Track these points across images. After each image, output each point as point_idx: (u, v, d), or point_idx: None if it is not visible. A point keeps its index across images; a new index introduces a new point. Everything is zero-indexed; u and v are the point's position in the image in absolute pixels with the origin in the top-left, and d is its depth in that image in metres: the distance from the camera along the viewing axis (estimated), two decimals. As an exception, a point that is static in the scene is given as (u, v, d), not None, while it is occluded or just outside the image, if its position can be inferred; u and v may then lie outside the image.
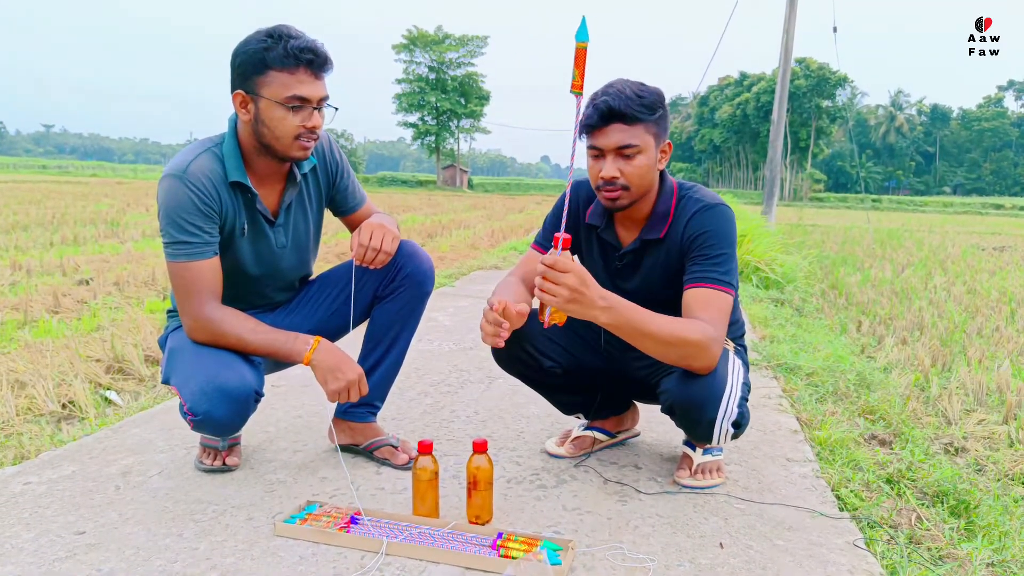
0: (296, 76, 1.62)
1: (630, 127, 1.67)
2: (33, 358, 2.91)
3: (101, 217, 10.67)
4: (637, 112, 1.65)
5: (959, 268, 8.04)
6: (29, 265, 5.56)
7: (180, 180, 1.64)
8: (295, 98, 1.62)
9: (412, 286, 1.95)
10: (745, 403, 1.78)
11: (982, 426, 2.60)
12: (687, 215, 1.77)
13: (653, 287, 1.86)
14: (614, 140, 1.68)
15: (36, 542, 1.49)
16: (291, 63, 1.60)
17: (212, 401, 1.62)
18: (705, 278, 1.70)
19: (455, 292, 5.10)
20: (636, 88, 1.68)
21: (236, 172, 1.70)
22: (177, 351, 1.75)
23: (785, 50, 12.03)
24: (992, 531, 1.70)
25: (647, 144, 1.69)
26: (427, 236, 10.01)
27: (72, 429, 2.24)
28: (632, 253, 1.86)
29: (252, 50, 1.61)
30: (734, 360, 1.79)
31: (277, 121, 1.64)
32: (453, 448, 2.11)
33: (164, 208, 1.65)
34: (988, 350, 3.87)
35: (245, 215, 1.76)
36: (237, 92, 1.65)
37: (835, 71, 56.83)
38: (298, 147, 1.69)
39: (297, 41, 1.60)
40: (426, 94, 52.55)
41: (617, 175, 1.70)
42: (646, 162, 1.70)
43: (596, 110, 1.68)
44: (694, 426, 1.78)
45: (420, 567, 1.43)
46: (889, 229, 16.36)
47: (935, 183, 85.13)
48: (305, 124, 1.66)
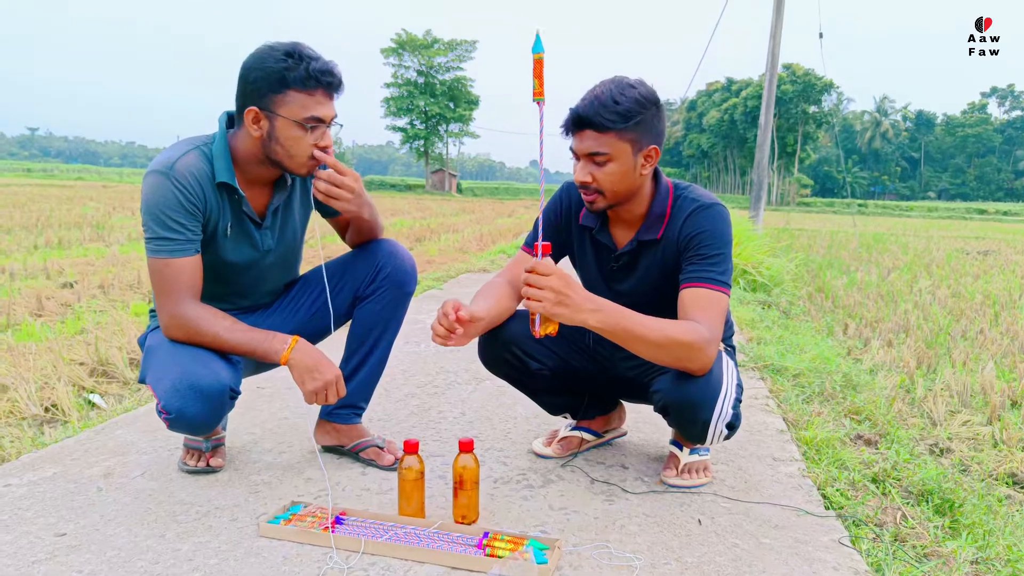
0: (315, 97, 1.63)
1: (600, 135, 1.64)
2: (15, 361, 2.88)
3: (86, 220, 10.59)
4: (606, 121, 1.62)
5: (944, 272, 8.11)
6: (12, 268, 5.50)
7: (166, 176, 1.63)
8: (313, 119, 1.63)
9: (393, 287, 1.94)
10: (739, 404, 1.78)
11: (967, 427, 2.62)
12: (683, 215, 1.76)
13: (649, 288, 1.85)
14: (584, 146, 1.67)
15: (15, 544, 1.46)
16: (311, 84, 1.61)
17: (185, 399, 1.60)
18: (701, 278, 1.69)
19: (443, 295, 5.09)
20: (616, 93, 1.64)
21: (224, 173, 1.69)
22: (154, 349, 1.73)
23: (772, 56, 12.11)
24: (976, 529, 1.71)
25: (619, 151, 1.66)
26: (416, 240, 10.00)
27: (55, 432, 2.21)
28: (628, 254, 1.84)
29: (270, 69, 1.60)
30: (727, 361, 1.79)
31: (293, 140, 1.65)
32: (440, 449, 2.10)
33: (148, 204, 1.64)
34: (972, 352, 3.90)
35: (231, 215, 1.75)
36: (251, 109, 1.64)
37: (821, 77, 57.29)
38: (308, 166, 1.70)
39: (317, 63, 1.61)
40: (415, 98, 52.52)
41: (589, 180, 1.69)
42: (618, 169, 1.68)
43: (569, 115, 1.67)
44: (688, 426, 1.78)
45: (406, 567, 1.42)
46: (875, 233, 16.49)
47: (920, 188, 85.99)
48: (319, 143, 1.67)
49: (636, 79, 1.70)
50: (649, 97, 1.67)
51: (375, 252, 1.95)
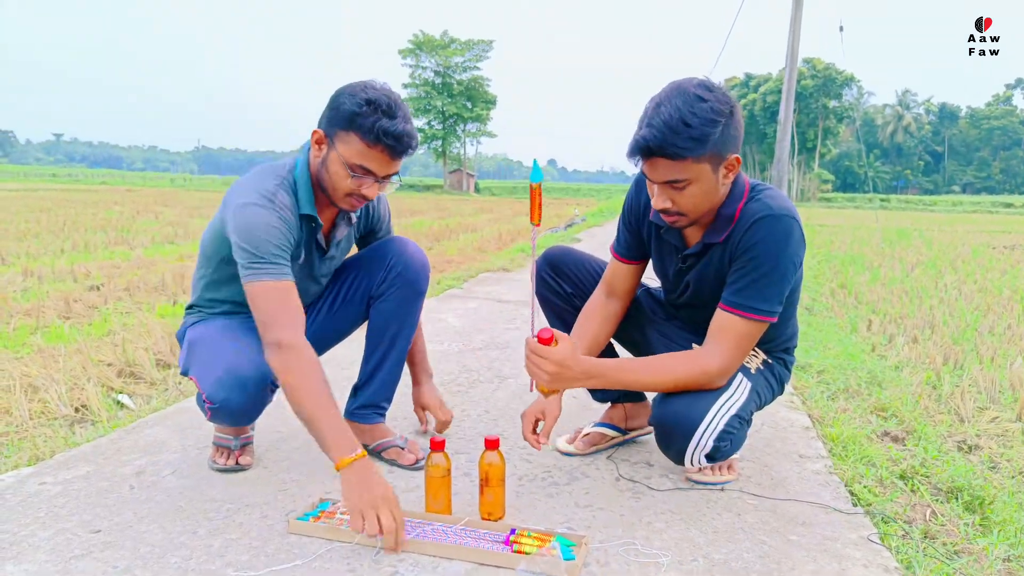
0: (372, 151, 1.63)
1: (676, 162, 1.50)
2: (46, 363, 2.93)
3: (111, 224, 10.74)
4: (680, 150, 1.46)
5: (969, 267, 7.99)
6: (40, 272, 5.60)
7: (271, 209, 1.64)
8: (360, 168, 1.65)
9: (404, 285, 1.96)
10: (727, 435, 1.68)
11: (995, 423, 2.58)
12: (749, 221, 1.62)
13: (704, 295, 1.77)
14: (659, 175, 1.54)
15: (52, 540, 1.50)
16: (372, 139, 1.61)
17: (229, 390, 1.66)
18: (735, 303, 1.63)
19: (463, 294, 5.10)
20: (686, 114, 1.45)
21: (307, 205, 1.74)
22: (196, 342, 1.79)
23: (791, 50, 12.01)
24: (1007, 526, 1.69)
25: (699, 173, 1.52)
26: (435, 239, 10.03)
27: (85, 432, 2.25)
28: (695, 256, 1.75)
29: (347, 106, 1.61)
30: (739, 384, 1.73)
31: (337, 176, 1.68)
32: (465, 447, 2.11)
33: (254, 232, 1.60)
34: (1000, 348, 3.84)
35: (304, 244, 1.80)
36: (317, 131, 1.68)
37: (842, 71, 56.66)
38: (347, 203, 1.73)
39: (387, 123, 1.60)
40: (432, 99, 52.64)
41: (669, 205, 1.59)
42: (700, 190, 1.55)
43: (634, 144, 1.51)
44: (666, 451, 1.79)
45: (434, 563, 1.44)
46: (898, 228, 16.28)
47: (944, 182, 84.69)
48: (361, 191, 1.68)
49: (702, 83, 1.51)
50: (723, 107, 1.49)
51: (386, 252, 1.99)
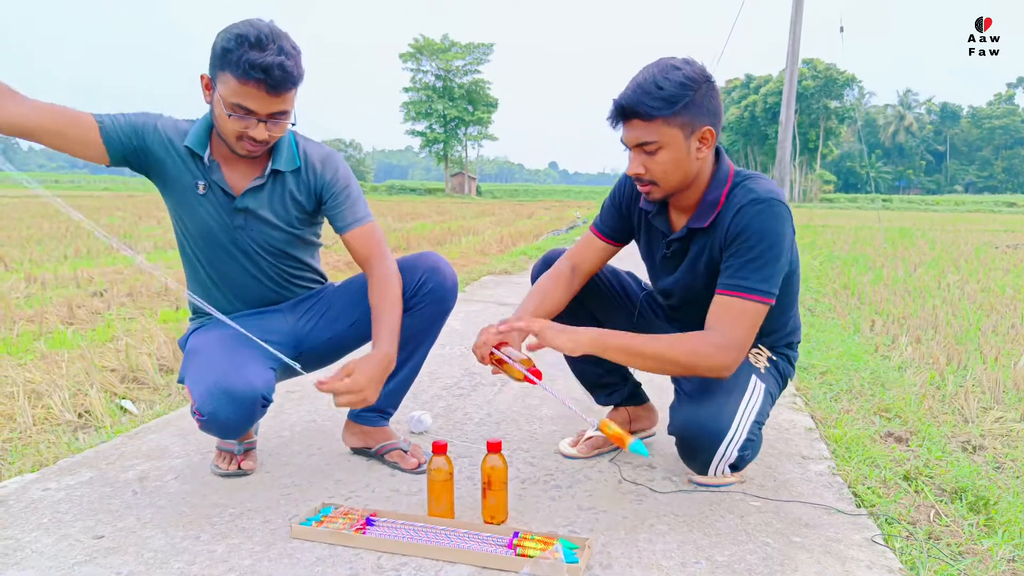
0: (246, 88, 1.56)
1: (647, 123, 1.58)
2: (49, 368, 2.94)
3: (114, 230, 10.76)
4: (651, 108, 1.55)
5: (972, 266, 7.97)
6: (44, 278, 5.61)
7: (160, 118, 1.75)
8: (238, 107, 1.59)
9: (433, 302, 1.92)
10: (750, 443, 1.73)
11: (999, 423, 2.57)
12: (735, 207, 1.65)
13: (697, 283, 1.77)
14: (632, 136, 1.61)
15: (55, 546, 1.50)
16: (242, 75, 1.55)
17: (218, 403, 1.61)
18: (733, 285, 1.63)
19: (466, 297, 5.10)
20: (659, 77, 1.55)
21: (193, 139, 1.72)
22: (193, 352, 1.76)
23: (792, 51, 12.02)
24: (1012, 527, 1.68)
25: (669, 138, 1.58)
26: (436, 243, 10.03)
27: (88, 437, 2.25)
28: (679, 241, 1.77)
29: (219, 45, 1.58)
30: (754, 387, 1.74)
31: (222, 119, 1.63)
32: (467, 450, 2.11)
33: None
34: (1004, 347, 3.83)
35: (202, 177, 1.76)
36: (204, 74, 1.65)
37: (843, 71, 56.65)
38: (241, 147, 1.68)
39: (255, 56, 1.52)
40: (433, 102, 52.76)
41: (642, 171, 1.64)
42: (671, 156, 1.60)
43: (612, 106, 1.62)
44: (689, 462, 1.82)
45: (437, 567, 1.43)
46: (900, 228, 16.26)
47: (946, 182, 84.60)
48: (247, 132, 1.63)
49: (682, 59, 1.61)
50: (696, 76, 1.57)
51: (418, 266, 1.92)
